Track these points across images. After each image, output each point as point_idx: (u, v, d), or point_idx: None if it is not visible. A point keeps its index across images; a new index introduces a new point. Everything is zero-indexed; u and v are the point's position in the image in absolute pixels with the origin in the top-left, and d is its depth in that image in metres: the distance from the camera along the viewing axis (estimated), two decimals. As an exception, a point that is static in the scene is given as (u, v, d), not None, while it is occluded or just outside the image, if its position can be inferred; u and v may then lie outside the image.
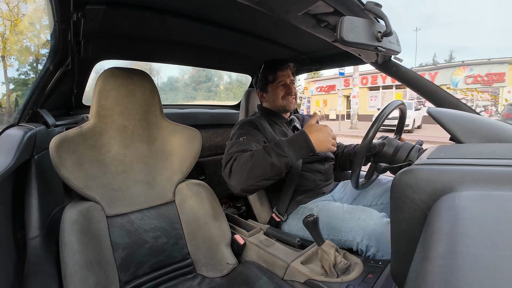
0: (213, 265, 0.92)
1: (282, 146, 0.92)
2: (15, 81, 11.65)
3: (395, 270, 0.51)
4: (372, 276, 0.80)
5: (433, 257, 0.26)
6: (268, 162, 0.91)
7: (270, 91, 1.29)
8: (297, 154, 0.92)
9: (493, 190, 0.35)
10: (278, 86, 1.27)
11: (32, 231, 0.78)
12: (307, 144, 0.92)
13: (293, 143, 0.93)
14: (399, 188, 0.45)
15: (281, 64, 1.27)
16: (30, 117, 1.04)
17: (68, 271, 0.69)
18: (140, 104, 0.91)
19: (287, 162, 0.91)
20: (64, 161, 0.77)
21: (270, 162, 0.91)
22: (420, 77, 1.05)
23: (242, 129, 1.18)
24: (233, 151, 1.03)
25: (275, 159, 0.91)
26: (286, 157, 0.91)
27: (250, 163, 0.93)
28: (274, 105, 1.30)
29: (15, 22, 7.70)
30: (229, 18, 1.06)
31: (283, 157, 0.91)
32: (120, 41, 1.14)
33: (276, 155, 0.91)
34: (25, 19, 7.48)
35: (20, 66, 11.21)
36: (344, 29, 0.62)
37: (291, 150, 0.92)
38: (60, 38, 0.86)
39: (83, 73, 1.23)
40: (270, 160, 0.91)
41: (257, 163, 0.92)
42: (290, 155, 0.91)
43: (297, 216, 1.14)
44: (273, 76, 1.27)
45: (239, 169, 0.95)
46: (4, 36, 7.58)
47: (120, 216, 0.84)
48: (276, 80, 1.27)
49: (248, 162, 0.94)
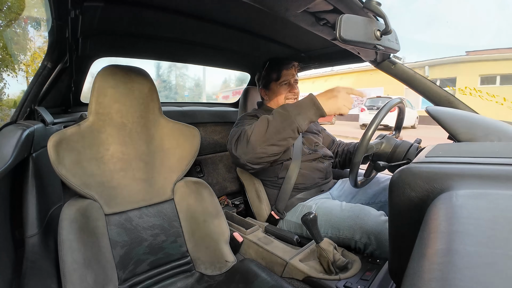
0: (212, 263, 0.92)
1: (287, 108, 0.89)
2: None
3: (392, 267, 0.52)
4: (370, 274, 0.80)
5: (430, 255, 0.26)
6: (272, 127, 0.88)
7: (273, 89, 1.29)
8: (303, 116, 0.88)
9: (491, 188, 0.35)
10: (282, 84, 1.26)
11: (30, 229, 0.77)
12: (314, 104, 0.87)
13: (299, 104, 0.89)
14: (397, 186, 0.45)
15: (286, 62, 1.27)
16: (28, 115, 1.03)
17: (67, 269, 0.69)
18: (138, 102, 0.91)
19: (292, 124, 0.87)
20: (62, 159, 0.77)
21: (274, 126, 0.88)
22: (419, 75, 1.05)
23: (245, 119, 1.18)
24: (237, 129, 1.03)
25: (279, 123, 0.88)
26: (291, 118, 0.87)
27: (254, 131, 0.91)
28: (276, 104, 1.30)
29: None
30: (228, 15, 1.05)
31: (288, 119, 0.88)
32: (118, 38, 1.14)
33: (281, 117, 0.88)
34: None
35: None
36: (343, 27, 0.62)
37: (295, 111, 0.88)
38: (57, 35, 0.85)
39: (81, 71, 1.22)
40: (274, 125, 0.88)
41: (261, 129, 0.90)
42: (296, 117, 0.87)
43: (295, 214, 1.14)
44: (278, 74, 1.26)
45: (244, 139, 0.94)
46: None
47: (118, 214, 0.84)
48: (280, 79, 1.26)
49: (253, 130, 0.92)
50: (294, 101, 1.28)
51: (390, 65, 1.07)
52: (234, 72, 21.35)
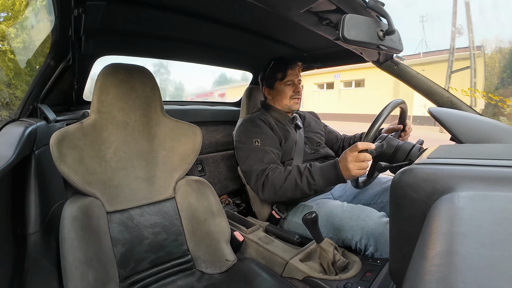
0: (213, 262, 0.93)
1: (313, 175, 1.00)
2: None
3: (393, 268, 0.52)
4: (370, 275, 0.80)
5: (431, 256, 0.26)
6: (299, 187, 1.01)
7: (278, 89, 1.29)
8: (326, 183, 0.99)
9: (493, 190, 0.35)
10: (287, 84, 1.27)
11: (32, 227, 0.78)
12: (337, 177, 0.97)
13: (324, 172, 1.00)
14: (398, 187, 0.45)
15: (291, 62, 1.27)
16: (30, 113, 1.04)
17: (68, 267, 0.69)
18: (140, 100, 0.91)
19: (316, 190, 1.01)
20: (64, 157, 0.77)
21: (301, 188, 1.01)
22: (422, 76, 1.05)
23: (251, 128, 1.18)
24: (256, 164, 1.11)
25: (306, 187, 1.01)
26: (316, 185, 1.00)
27: (283, 186, 1.04)
28: (280, 104, 1.30)
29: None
30: (230, 15, 1.05)
31: (313, 185, 1.00)
32: (121, 37, 1.14)
33: (307, 183, 1.00)
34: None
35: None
36: (346, 27, 0.62)
37: (321, 179, 0.99)
38: (60, 33, 0.86)
39: (83, 69, 1.22)
40: (300, 186, 1.01)
41: (289, 187, 1.03)
42: (320, 184, 0.99)
43: (296, 214, 1.14)
44: (283, 73, 1.27)
45: (271, 187, 1.06)
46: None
47: (120, 212, 0.84)
48: (285, 78, 1.26)
49: (280, 183, 1.04)
50: (297, 102, 1.28)
51: (393, 65, 1.06)
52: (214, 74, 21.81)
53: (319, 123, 1.47)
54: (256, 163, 1.11)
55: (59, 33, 0.85)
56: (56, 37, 0.88)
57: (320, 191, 1.04)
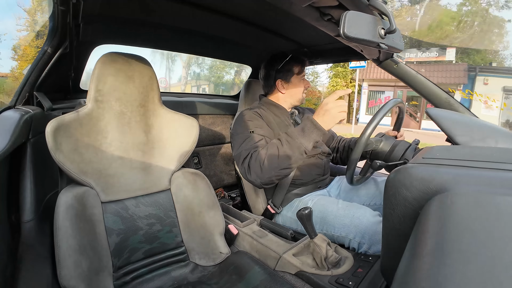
0: (206, 254, 0.93)
1: (292, 135, 0.97)
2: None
3: (384, 265, 0.52)
4: (361, 271, 0.81)
5: (422, 254, 0.27)
6: (282, 153, 0.96)
7: (294, 83, 1.28)
8: (307, 138, 0.96)
9: (486, 192, 0.35)
10: (303, 79, 1.29)
11: (27, 214, 0.78)
12: (315, 126, 0.94)
13: (302, 129, 0.97)
14: (393, 186, 0.45)
15: (305, 56, 1.30)
16: (26, 100, 1.03)
17: (62, 254, 0.69)
18: (138, 90, 0.90)
19: (300, 148, 0.96)
20: (59, 145, 0.76)
21: (284, 152, 0.96)
22: (421, 76, 1.05)
23: (248, 121, 1.18)
24: (246, 147, 1.08)
25: (288, 149, 0.96)
26: (297, 143, 0.96)
27: (266, 157, 0.98)
28: (294, 97, 1.29)
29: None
30: (232, 7, 1.04)
31: (296, 145, 0.96)
32: (120, 25, 1.12)
33: (289, 145, 0.96)
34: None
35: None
36: (347, 24, 0.61)
37: (300, 135, 0.96)
38: (59, 20, 0.84)
39: (81, 57, 1.20)
40: (284, 151, 0.96)
41: (273, 156, 0.98)
42: (302, 141, 0.96)
43: (291, 209, 1.15)
44: (301, 68, 1.28)
45: (256, 164, 1.01)
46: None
47: (115, 202, 0.84)
48: (301, 73, 1.28)
49: (264, 156, 0.99)
50: (305, 95, 1.32)
51: (393, 64, 1.06)
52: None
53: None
54: (245, 147, 1.08)
55: (58, 19, 0.84)
56: (54, 23, 0.86)
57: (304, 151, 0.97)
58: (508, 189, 0.36)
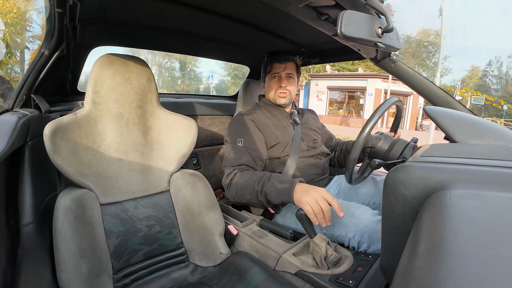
0: (206, 255, 0.93)
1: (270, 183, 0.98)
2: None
3: (384, 264, 0.53)
4: (361, 269, 0.82)
5: (422, 253, 0.27)
6: (255, 192, 1.01)
7: (268, 82, 1.31)
8: (276, 197, 0.96)
9: (484, 190, 0.35)
10: (273, 77, 1.28)
11: (25, 218, 0.77)
12: (289, 196, 0.92)
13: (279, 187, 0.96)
14: (392, 184, 0.45)
15: (280, 55, 1.27)
16: (24, 103, 1.02)
17: (61, 258, 0.69)
18: (136, 92, 0.90)
19: (267, 198, 0.98)
20: (58, 148, 0.76)
21: (256, 192, 1.00)
22: (419, 75, 1.05)
23: (238, 127, 1.19)
24: (230, 161, 1.12)
25: (259, 194, 0.99)
26: (266, 194, 0.98)
27: (243, 186, 1.03)
28: (268, 97, 1.32)
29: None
30: (229, 8, 1.04)
31: (264, 194, 0.98)
32: (117, 27, 1.12)
33: (261, 190, 0.99)
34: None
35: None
36: (344, 23, 0.61)
37: (273, 191, 0.96)
38: (56, 22, 0.84)
39: (78, 59, 1.20)
40: (256, 191, 1.00)
41: (248, 189, 1.02)
42: (272, 196, 0.97)
43: (291, 209, 1.15)
44: (270, 66, 1.28)
45: (235, 186, 1.06)
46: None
47: (114, 204, 0.84)
48: (271, 72, 1.28)
49: (242, 184, 1.04)
50: (280, 95, 1.27)
51: (390, 63, 1.07)
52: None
53: (317, 121, 1.48)
54: (232, 162, 1.12)
55: (54, 21, 0.84)
56: (51, 25, 0.86)
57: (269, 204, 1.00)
58: (506, 186, 0.36)
